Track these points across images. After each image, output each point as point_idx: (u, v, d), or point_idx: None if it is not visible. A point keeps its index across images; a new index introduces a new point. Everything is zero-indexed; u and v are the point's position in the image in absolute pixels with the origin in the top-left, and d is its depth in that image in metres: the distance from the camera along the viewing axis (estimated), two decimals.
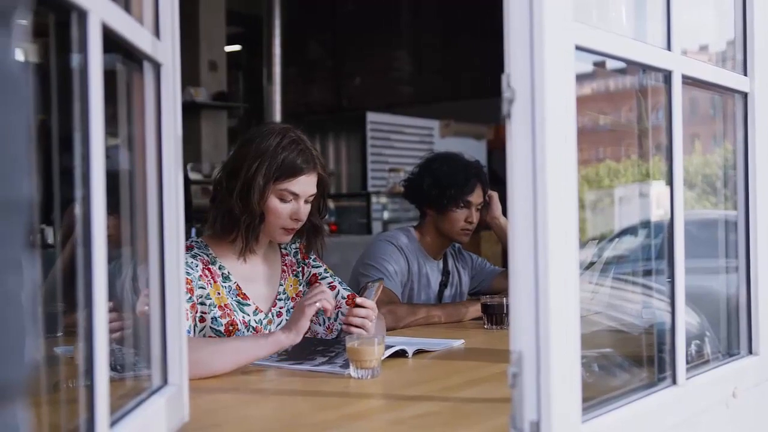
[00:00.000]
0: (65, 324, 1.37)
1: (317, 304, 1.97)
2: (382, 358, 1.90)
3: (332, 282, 2.39)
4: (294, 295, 2.34)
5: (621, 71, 1.72)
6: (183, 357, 1.39)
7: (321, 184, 2.26)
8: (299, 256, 2.41)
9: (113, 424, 1.08)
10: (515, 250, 1.17)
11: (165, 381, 1.36)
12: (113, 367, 1.22)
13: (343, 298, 2.35)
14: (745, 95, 1.78)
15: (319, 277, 2.39)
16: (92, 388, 1.00)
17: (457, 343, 2.33)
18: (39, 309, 0.59)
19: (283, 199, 2.18)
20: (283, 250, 2.39)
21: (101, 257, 1.01)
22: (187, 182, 4.99)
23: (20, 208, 0.55)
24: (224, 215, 2.19)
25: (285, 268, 2.36)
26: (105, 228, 1.02)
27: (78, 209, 1.00)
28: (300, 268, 2.40)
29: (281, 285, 2.33)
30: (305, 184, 2.20)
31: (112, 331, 1.11)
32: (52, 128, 1.04)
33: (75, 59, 1.00)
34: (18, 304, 0.55)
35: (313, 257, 2.43)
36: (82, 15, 0.98)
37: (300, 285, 2.38)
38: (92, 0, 0.99)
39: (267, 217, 2.19)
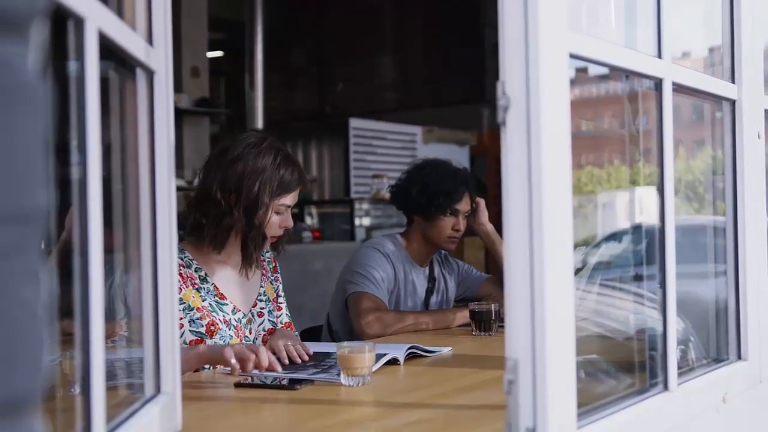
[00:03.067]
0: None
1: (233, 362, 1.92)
2: (376, 367, 1.90)
3: (281, 303, 2.50)
4: (272, 299, 2.45)
5: (602, 77, 1.73)
6: (176, 366, 1.38)
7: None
8: (271, 267, 2.50)
9: None
10: (510, 257, 1.17)
11: (158, 390, 1.35)
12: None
13: (282, 323, 2.45)
14: (732, 102, 1.80)
15: (279, 293, 2.51)
16: (88, 397, 0.99)
17: (446, 350, 2.33)
18: (52, 318, 0.59)
19: (278, 212, 2.28)
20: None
21: (97, 266, 1.00)
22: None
23: (37, 218, 0.55)
24: (225, 231, 2.25)
25: (264, 272, 2.46)
26: (101, 236, 1.01)
27: (74, 216, 1.00)
28: (273, 277, 2.50)
29: (262, 287, 2.42)
30: (296, 196, 2.33)
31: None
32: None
33: (71, 66, 1.00)
34: (35, 314, 0.55)
35: (278, 273, 2.54)
36: (79, 22, 0.98)
37: (274, 292, 2.48)
38: (89, 7, 0.99)
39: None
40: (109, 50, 1.13)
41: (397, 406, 1.70)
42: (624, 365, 1.71)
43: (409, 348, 2.18)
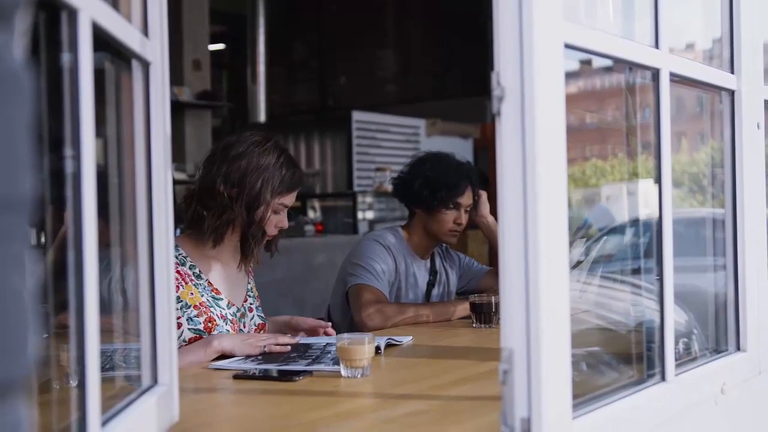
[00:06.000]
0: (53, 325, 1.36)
1: (265, 348, 2.12)
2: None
3: (257, 303, 2.49)
4: (256, 295, 2.48)
5: (606, 69, 1.73)
6: (173, 357, 1.39)
7: None
8: (251, 267, 2.52)
9: (104, 423, 1.08)
10: (506, 248, 1.17)
11: (155, 381, 1.36)
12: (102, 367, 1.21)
13: (255, 325, 2.43)
14: (732, 93, 1.79)
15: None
16: (83, 387, 0.99)
17: (407, 339, 2.36)
18: (39, 306, 0.59)
19: (276, 212, 2.30)
20: None
21: (92, 258, 1.00)
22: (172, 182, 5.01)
23: (22, 205, 0.55)
24: (226, 225, 2.26)
25: (250, 269, 2.48)
26: (96, 229, 1.01)
27: (68, 210, 1.00)
28: (253, 276, 2.52)
29: (249, 283, 2.45)
30: (294, 197, 2.35)
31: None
32: (39, 128, 1.03)
33: (65, 58, 1.00)
34: (21, 301, 0.55)
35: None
36: (72, 13, 0.98)
37: (256, 290, 2.51)
38: None
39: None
40: (104, 42, 1.13)
41: (394, 397, 1.70)
42: (622, 356, 1.71)
43: (387, 339, 2.23)
